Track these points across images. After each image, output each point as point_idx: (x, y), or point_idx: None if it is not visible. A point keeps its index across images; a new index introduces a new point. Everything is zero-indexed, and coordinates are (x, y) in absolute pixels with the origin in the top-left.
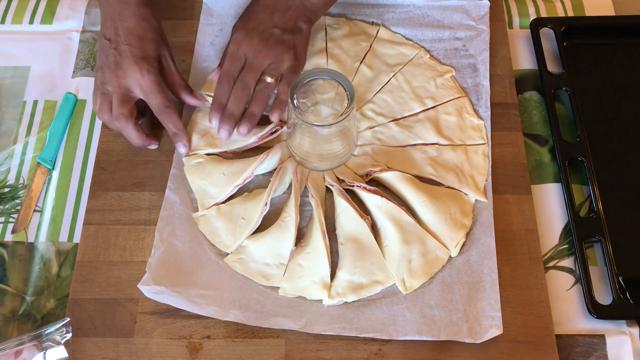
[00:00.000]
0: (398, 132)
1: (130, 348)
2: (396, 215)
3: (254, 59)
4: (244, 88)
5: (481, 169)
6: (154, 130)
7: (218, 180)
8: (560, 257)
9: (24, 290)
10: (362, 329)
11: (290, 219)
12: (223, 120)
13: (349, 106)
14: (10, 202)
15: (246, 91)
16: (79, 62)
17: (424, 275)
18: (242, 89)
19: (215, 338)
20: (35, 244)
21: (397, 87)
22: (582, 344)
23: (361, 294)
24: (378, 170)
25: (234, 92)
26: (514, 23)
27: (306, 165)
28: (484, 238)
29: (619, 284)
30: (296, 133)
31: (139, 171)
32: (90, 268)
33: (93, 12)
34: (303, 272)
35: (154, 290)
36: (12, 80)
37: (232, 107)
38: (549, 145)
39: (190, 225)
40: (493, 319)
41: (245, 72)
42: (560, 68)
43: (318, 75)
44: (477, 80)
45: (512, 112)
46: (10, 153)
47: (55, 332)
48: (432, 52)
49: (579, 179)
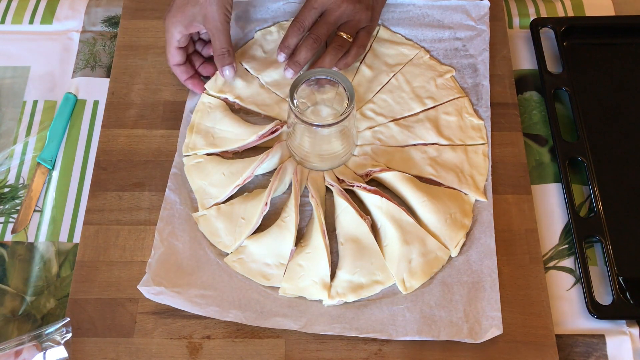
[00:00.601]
0: (398, 132)
1: (130, 348)
2: (396, 215)
3: (332, 11)
4: (317, 40)
5: (481, 169)
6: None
7: (218, 180)
8: (560, 257)
9: (24, 290)
10: (362, 329)
11: (290, 219)
12: (290, 63)
13: (349, 106)
14: (10, 202)
15: (318, 43)
16: (79, 62)
17: (424, 275)
18: (314, 39)
19: (215, 338)
20: (35, 244)
21: (397, 87)
22: (582, 344)
23: (361, 294)
24: (378, 170)
25: (306, 41)
26: (514, 23)
27: (306, 165)
28: (484, 238)
29: (619, 284)
30: (296, 133)
31: (139, 171)
32: (90, 268)
33: (93, 12)
34: (303, 272)
35: (153, 291)
36: (12, 80)
37: (301, 55)
38: (549, 145)
39: (190, 226)
40: (493, 319)
41: (320, 24)
42: (560, 68)
43: (318, 75)
44: (477, 80)
45: (512, 112)
46: (10, 153)
47: (55, 332)
48: (432, 52)
49: (579, 179)
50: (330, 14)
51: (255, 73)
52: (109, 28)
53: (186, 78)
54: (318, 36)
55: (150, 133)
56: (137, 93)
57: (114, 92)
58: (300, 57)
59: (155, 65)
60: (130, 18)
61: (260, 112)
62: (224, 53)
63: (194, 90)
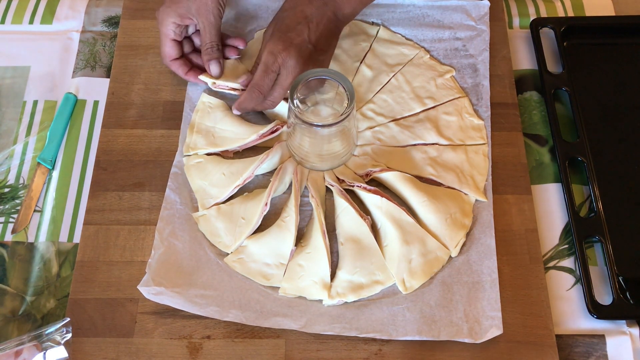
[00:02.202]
0: (398, 132)
1: (130, 348)
2: (396, 215)
3: (287, 76)
4: (273, 104)
5: (481, 169)
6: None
7: (218, 180)
8: (560, 257)
9: (24, 290)
10: (362, 329)
11: (290, 219)
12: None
13: (349, 106)
14: (10, 202)
15: (278, 102)
16: (79, 62)
17: (424, 275)
18: (272, 103)
19: (215, 338)
20: (35, 244)
21: (397, 87)
22: (582, 344)
23: (361, 294)
24: (378, 170)
25: (265, 105)
26: (514, 23)
27: (306, 165)
28: (484, 238)
29: (619, 284)
30: (296, 133)
31: (139, 171)
32: (90, 268)
33: (93, 12)
34: (303, 272)
35: (153, 291)
36: (12, 80)
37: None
38: (549, 145)
39: (190, 225)
40: (493, 319)
41: (277, 90)
42: (560, 68)
43: (318, 75)
44: (477, 80)
45: (512, 112)
46: (10, 153)
47: (55, 332)
48: (432, 52)
49: (579, 179)
50: (287, 79)
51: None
52: (109, 28)
53: (186, 71)
54: (275, 102)
55: (150, 133)
56: (137, 93)
57: (114, 92)
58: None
59: (155, 65)
60: (130, 18)
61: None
62: (212, 47)
63: (197, 83)
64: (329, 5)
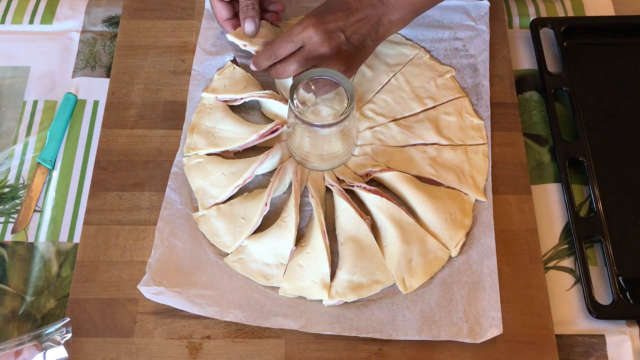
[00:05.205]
0: (398, 132)
1: (130, 348)
2: (396, 215)
3: (309, 52)
4: (285, 72)
5: (481, 169)
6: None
7: (218, 180)
8: (560, 257)
9: (24, 290)
10: (362, 329)
11: (290, 219)
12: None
13: (349, 106)
14: (10, 202)
15: (287, 74)
16: (79, 62)
17: (424, 275)
18: (283, 71)
19: (216, 338)
20: (35, 244)
21: (397, 87)
22: (582, 344)
23: (361, 293)
24: (378, 170)
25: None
26: (514, 23)
27: (306, 165)
28: (484, 238)
29: (619, 284)
30: (296, 133)
31: (139, 171)
32: (90, 268)
33: (93, 12)
34: (303, 272)
35: (153, 291)
36: (12, 80)
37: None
38: (549, 145)
39: (190, 225)
40: (493, 319)
41: (291, 59)
42: (560, 68)
43: (318, 75)
44: (477, 80)
45: (512, 112)
46: (10, 153)
47: (55, 332)
48: (432, 52)
49: (579, 179)
50: (307, 55)
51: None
52: (109, 28)
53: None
54: (290, 71)
55: (150, 133)
56: (137, 93)
57: (114, 92)
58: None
59: (155, 65)
60: (130, 18)
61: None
62: (248, 5)
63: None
64: (376, 8)
